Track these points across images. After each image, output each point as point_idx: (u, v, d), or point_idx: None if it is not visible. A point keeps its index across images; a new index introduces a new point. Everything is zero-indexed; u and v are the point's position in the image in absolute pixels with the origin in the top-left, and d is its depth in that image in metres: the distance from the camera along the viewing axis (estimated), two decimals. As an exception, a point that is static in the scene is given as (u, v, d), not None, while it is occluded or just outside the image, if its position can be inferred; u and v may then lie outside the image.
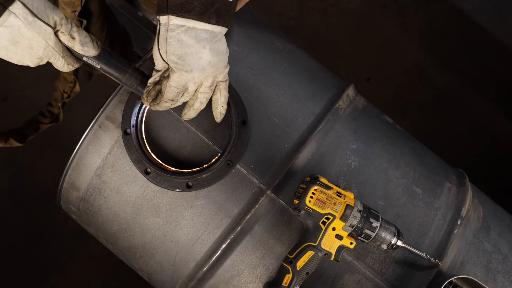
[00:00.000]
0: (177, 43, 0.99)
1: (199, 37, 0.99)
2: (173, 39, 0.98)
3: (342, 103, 1.29)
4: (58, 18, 0.97)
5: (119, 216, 1.22)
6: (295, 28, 2.55)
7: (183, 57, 1.00)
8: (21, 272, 2.21)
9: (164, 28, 0.98)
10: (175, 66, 1.01)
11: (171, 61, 1.01)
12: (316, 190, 1.10)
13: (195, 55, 1.00)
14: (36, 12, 0.95)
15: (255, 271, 1.18)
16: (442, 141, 2.38)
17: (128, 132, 1.16)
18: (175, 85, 1.04)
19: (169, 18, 0.97)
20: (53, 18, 0.97)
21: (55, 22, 0.97)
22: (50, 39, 0.98)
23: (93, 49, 1.03)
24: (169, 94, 1.05)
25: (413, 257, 1.20)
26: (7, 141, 1.56)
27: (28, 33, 0.95)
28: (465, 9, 2.59)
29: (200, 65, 1.01)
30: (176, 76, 1.02)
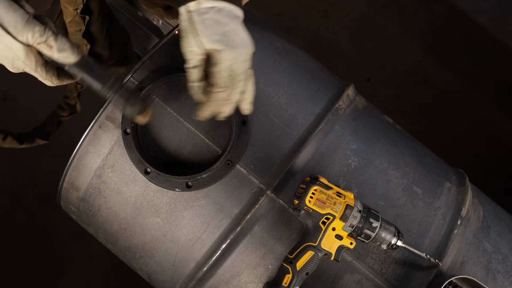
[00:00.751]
0: (215, 23, 0.98)
1: (232, 15, 1.00)
2: (210, 20, 0.98)
3: (342, 103, 1.29)
4: (30, 33, 0.94)
5: (119, 216, 1.22)
6: (295, 28, 2.55)
7: (226, 34, 0.99)
8: (21, 272, 2.21)
9: (196, 13, 0.98)
10: (221, 44, 0.99)
11: (215, 41, 0.98)
12: (316, 190, 1.10)
13: (234, 32, 1.00)
14: (7, 26, 0.92)
15: (255, 271, 1.18)
16: (442, 141, 2.38)
17: (128, 132, 1.16)
18: (227, 66, 1.00)
19: (199, 2, 0.97)
20: (24, 34, 0.94)
21: (27, 37, 0.94)
22: (20, 53, 0.96)
23: (72, 55, 0.99)
24: (222, 79, 1.01)
25: (413, 257, 1.20)
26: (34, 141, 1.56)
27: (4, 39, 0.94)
28: (465, 9, 2.59)
29: (242, 40, 1.01)
30: (227, 55, 0.99)
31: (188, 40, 1.01)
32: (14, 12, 0.93)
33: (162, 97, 1.19)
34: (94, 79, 1.02)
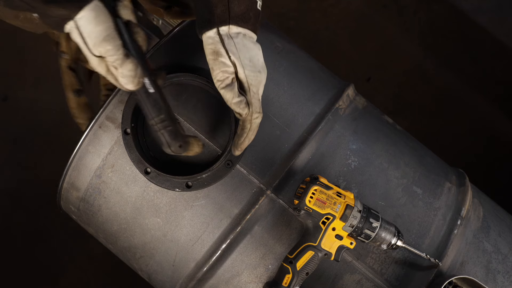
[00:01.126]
0: (244, 47, 1.05)
1: (255, 42, 1.07)
2: (240, 44, 1.04)
3: (342, 103, 1.29)
4: (103, 49, 0.97)
5: (119, 216, 1.22)
6: (295, 28, 2.55)
7: (252, 59, 1.06)
8: (21, 272, 2.21)
9: (227, 37, 1.04)
10: (250, 69, 1.05)
11: (246, 65, 1.04)
12: (316, 190, 1.10)
13: (256, 57, 1.06)
14: (86, 37, 0.96)
15: (255, 271, 1.18)
16: (442, 141, 2.38)
17: (128, 132, 1.16)
18: (256, 91, 1.07)
19: (230, 27, 1.03)
20: (98, 49, 0.97)
21: (99, 52, 0.98)
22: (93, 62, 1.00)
23: (130, 84, 1.01)
24: (256, 104, 1.08)
25: (413, 257, 1.20)
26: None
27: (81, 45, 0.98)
28: (465, 9, 2.59)
29: (261, 65, 1.08)
30: (255, 80, 1.06)
31: (221, 61, 1.04)
32: (96, 26, 0.96)
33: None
34: (147, 108, 1.05)
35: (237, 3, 1.03)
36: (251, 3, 1.04)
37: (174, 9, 1.40)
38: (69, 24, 0.95)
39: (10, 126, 2.37)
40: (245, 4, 1.03)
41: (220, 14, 1.02)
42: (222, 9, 1.02)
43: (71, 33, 0.97)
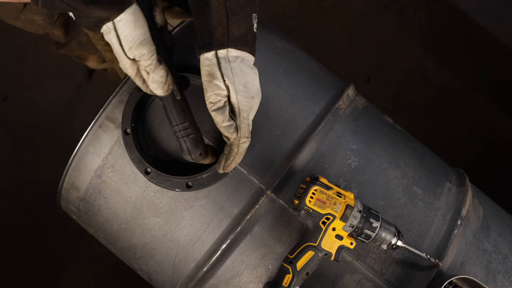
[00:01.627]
0: (240, 72, 1.04)
1: (251, 67, 1.07)
2: (236, 69, 1.04)
3: (342, 103, 1.29)
4: (137, 53, 1.00)
5: (119, 216, 1.22)
6: (295, 28, 2.55)
7: (247, 85, 1.05)
8: (21, 272, 2.21)
9: (224, 60, 1.03)
10: (243, 95, 1.05)
11: (240, 90, 1.04)
12: (316, 190, 1.10)
13: (252, 82, 1.06)
14: (122, 39, 0.98)
15: (255, 271, 1.18)
16: (442, 141, 2.38)
17: (128, 132, 1.16)
18: (246, 116, 1.07)
19: (228, 51, 1.03)
20: (133, 52, 1.00)
21: (133, 55, 1.00)
22: (126, 63, 1.02)
23: (160, 90, 1.04)
24: (245, 129, 1.08)
25: (413, 257, 1.20)
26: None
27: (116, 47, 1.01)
28: (465, 9, 2.59)
29: (256, 91, 1.07)
30: (246, 106, 1.06)
31: (215, 83, 1.04)
32: (134, 30, 0.98)
33: (162, 97, 1.19)
34: (173, 115, 1.08)
35: (237, 26, 1.02)
36: (249, 26, 1.04)
37: (174, 9, 1.40)
38: (107, 25, 0.98)
39: (10, 126, 2.37)
40: (244, 27, 1.03)
41: (219, 37, 1.02)
42: (222, 32, 1.02)
43: (107, 34, 0.99)
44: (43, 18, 1.46)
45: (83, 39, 1.69)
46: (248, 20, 1.03)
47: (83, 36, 1.68)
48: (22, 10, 1.41)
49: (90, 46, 1.71)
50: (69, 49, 1.74)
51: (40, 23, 1.48)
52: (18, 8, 1.40)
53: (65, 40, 1.68)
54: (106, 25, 0.98)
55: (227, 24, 1.01)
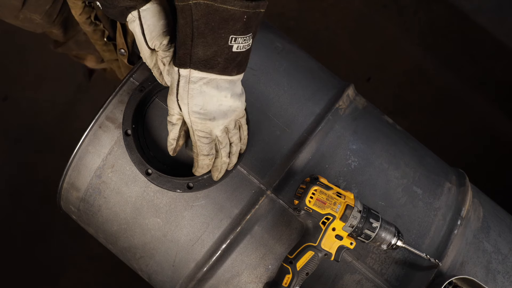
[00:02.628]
0: (199, 94, 1.01)
1: (220, 87, 1.02)
2: (195, 91, 1.01)
3: (342, 103, 1.29)
4: (158, 43, 1.02)
5: (119, 217, 1.21)
6: (295, 28, 2.55)
7: (205, 107, 1.02)
8: (21, 272, 2.21)
9: (184, 80, 1.00)
10: (198, 116, 1.03)
11: (193, 112, 1.03)
12: (316, 190, 1.10)
13: (216, 103, 1.03)
14: (145, 28, 1.01)
15: (255, 271, 1.18)
16: (442, 141, 2.38)
17: (128, 133, 1.16)
18: (204, 135, 1.05)
19: (190, 71, 0.99)
20: (154, 42, 1.03)
21: (154, 45, 1.03)
22: (146, 53, 1.05)
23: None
24: (202, 147, 1.07)
25: (413, 257, 1.20)
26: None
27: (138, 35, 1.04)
28: (465, 9, 2.59)
29: (222, 111, 1.04)
30: (201, 127, 1.04)
31: (171, 98, 1.04)
32: (158, 21, 1.01)
33: (163, 97, 1.19)
34: None
35: (202, 48, 0.97)
36: (220, 48, 0.97)
37: (174, 9, 1.41)
38: (132, 14, 1.01)
39: (10, 126, 2.37)
40: (213, 50, 0.97)
41: (181, 56, 0.99)
42: (184, 52, 0.98)
43: (131, 23, 1.02)
44: (42, 17, 1.46)
45: (81, 39, 1.69)
46: (220, 43, 0.96)
47: (81, 36, 1.67)
48: (21, 9, 1.41)
49: (88, 45, 1.71)
50: (67, 48, 1.74)
51: (39, 22, 1.48)
52: (17, 7, 1.40)
53: (63, 39, 1.68)
54: (131, 14, 1.01)
55: (191, 45, 0.97)
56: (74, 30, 1.65)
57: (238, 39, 0.98)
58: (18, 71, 2.43)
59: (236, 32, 0.97)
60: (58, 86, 2.41)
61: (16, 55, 2.44)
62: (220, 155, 1.10)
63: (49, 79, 2.42)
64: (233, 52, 0.99)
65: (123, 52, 1.49)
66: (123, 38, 1.48)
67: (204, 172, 1.13)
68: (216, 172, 1.13)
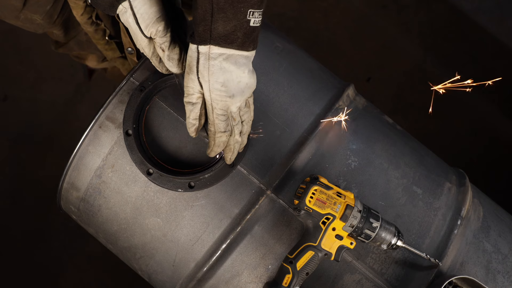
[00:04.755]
0: (219, 71, 1.02)
1: (238, 63, 1.03)
2: (216, 67, 1.02)
3: (342, 103, 1.29)
4: (154, 30, 1.02)
5: (119, 216, 1.21)
6: (295, 28, 2.55)
7: (226, 84, 1.03)
8: (21, 272, 2.21)
9: (204, 57, 1.01)
10: (218, 93, 1.04)
11: (214, 89, 1.03)
12: (316, 190, 1.10)
13: (235, 80, 1.04)
14: (139, 17, 1.01)
15: (255, 271, 1.18)
16: (442, 141, 2.38)
17: (129, 133, 1.16)
18: (222, 113, 1.06)
19: (210, 48, 1.00)
20: (149, 29, 1.02)
21: (150, 33, 1.03)
22: (143, 42, 1.05)
23: (176, 67, 1.07)
24: (219, 125, 1.08)
25: (413, 257, 1.20)
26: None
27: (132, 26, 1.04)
28: (465, 9, 2.59)
29: (240, 89, 1.05)
30: (221, 104, 1.05)
31: (190, 77, 1.04)
32: (150, 8, 1.01)
33: (163, 97, 1.19)
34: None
35: (222, 23, 0.98)
36: (240, 23, 0.99)
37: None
38: (123, 4, 1.00)
39: (10, 126, 2.37)
40: (233, 24, 0.98)
41: (201, 33, 0.99)
42: (204, 29, 0.98)
43: (123, 14, 1.01)
44: (42, 18, 1.46)
45: (82, 39, 1.69)
46: (239, 17, 0.98)
47: (82, 36, 1.67)
48: (21, 10, 1.41)
49: (89, 45, 1.71)
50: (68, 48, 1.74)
51: (40, 22, 1.48)
52: (18, 8, 1.40)
53: (64, 40, 1.68)
54: (122, 5, 1.00)
55: (211, 21, 0.98)
56: (75, 31, 1.65)
57: (255, 13, 0.99)
58: (18, 71, 2.43)
59: (254, 6, 0.98)
60: (58, 86, 2.41)
61: (16, 55, 2.44)
62: (234, 133, 1.11)
63: (49, 79, 2.42)
64: (251, 27, 1.00)
65: (131, 51, 1.49)
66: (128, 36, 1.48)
67: (219, 152, 1.12)
68: (229, 152, 1.13)
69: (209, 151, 1.13)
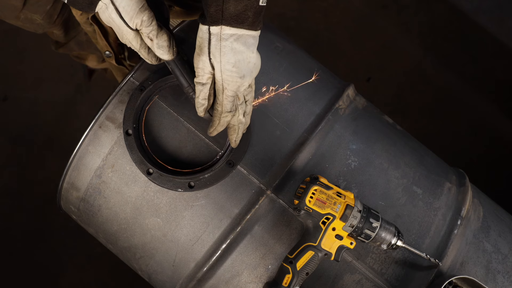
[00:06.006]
0: (231, 51, 1.02)
1: (248, 43, 1.04)
2: (227, 48, 1.02)
3: (342, 103, 1.29)
4: (139, 20, 1.01)
5: (119, 216, 1.22)
6: (295, 28, 2.55)
7: (237, 65, 1.04)
8: (21, 272, 2.21)
9: (216, 38, 1.02)
10: (230, 74, 1.04)
11: (226, 70, 1.04)
12: (316, 190, 1.10)
13: (246, 60, 1.04)
14: (121, 11, 0.99)
15: (255, 271, 1.18)
16: (442, 141, 2.38)
17: (129, 133, 1.16)
18: (232, 94, 1.07)
19: (222, 28, 1.01)
20: (134, 21, 1.01)
21: (135, 24, 1.01)
22: (129, 35, 1.03)
23: (167, 54, 1.06)
24: (227, 105, 1.08)
25: (413, 257, 1.20)
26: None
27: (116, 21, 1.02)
28: (465, 9, 2.59)
29: (249, 69, 1.06)
30: (232, 85, 1.05)
31: (201, 58, 1.04)
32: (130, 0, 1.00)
33: (163, 97, 1.19)
34: (182, 78, 1.11)
35: (234, 3, 0.99)
36: (250, 2, 1.00)
37: (175, 9, 1.41)
38: (103, 0, 0.99)
39: (10, 126, 2.37)
40: (244, 4, 0.99)
41: (213, 13, 1.00)
42: (216, 9, 1.00)
43: (104, 11, 1.00)
44: (42, 18, 1.46)
45: (82, 39, 1.69)
46: None
47: (83, 36, 1.68)
48: (21, 10, 1.41)
49: (89, 45, 1.71)
50: (68, 48, 1.74)
51: (40, 22, 1.48)
52: (18, 8, 1.40)
53: (64, 40, 1.68)
54: (102, 1, 0.99)
55: (223, 1, 0.98)
56: (75, 31, 1.65)
57: None
58: (18, 71, 2.43)
59: None
60: (58, 86, 2.41)
61: (16, 55, 2.44)
62: (238, 113, 1.11)
63: (49, 79, 2.42)
64: (260, 6, 1.01)
65: (108, 54, 1.49)
66: (105, 39, 1.48)
67: (220, 131, 1.13)
68: (234, 134, 1.14)
69: (211, 130, 1.13)
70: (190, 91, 1.11)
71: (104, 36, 1.46)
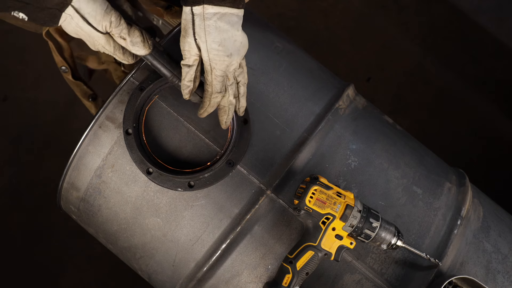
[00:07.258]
0: (215, 30, 1.02)
1: (232, 21, 1.03)
2: (211, 27, 1.02)
3: (342, 103, 1.29)
4: (107, 23, 1.01)
5: (119, 216, 1.22)
6: (295, 28, 2.55)
7: (223, 43, 1.03)
8: (21, 272, 2.21)
9: (199, 18, 1.01)
10: (216, 53, 1.03)
11: (212, 49, 1.03)
12: (316, 190, 1.10)
13: (231, 39, 1.04)
14: (88, 17, 0.99)
15: (255, 271, 1.18)
16: (442, 141, 2.38)
17: (129, 132, 1.16)
18: (221, 74, 1.06)
19: (204, 7, 1.00)
20: (103, 24, 1.00)
21: (105, 27, 1.01)
22: (100, 40, 1.03)
23: (143, 49, 1.06)
24: (217, 86, 1.07)
25: (413, 257, 1.20)
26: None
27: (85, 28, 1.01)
28: (465, 9, 2.59)
29: (236, 47, 1.05)
30: (220, 64, 1.05)
31: (187, 40, 1.04)
32: (94, 3, 0.99)
33: (162, 97, 1.19)
34: (164, 68, 1.11)
35: None
36: None
37: (174, 9, 1.41)
38: (67, 11, 0.97)
39: (10, 126, 2.37)
40: None
41: None
42: None
43: (69, 23, 0.99)
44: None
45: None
46: None
47: (83, 36, 1.68)
48: None
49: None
50: (68, 49, 1.74)
51: None
52: (18, 8, 1.40)
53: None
54: (65, 12, 0.98)
55: None
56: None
57: None
58: (18, 71, 2.43)
59: None
60: (58, 86, 2.41)
61: (16, 55, 2.44)
62: (228, 93, 1.10)
63: (49, 79, 2.42)
64: None
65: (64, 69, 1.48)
66: (59, 55, 1.47)
67: (210, 112, 1.12)
68: (224, 115, 1.13)
69: (202, 111, 1.12)
70: (175, 80, 1.11)
71: (59, 51, 1.45)
